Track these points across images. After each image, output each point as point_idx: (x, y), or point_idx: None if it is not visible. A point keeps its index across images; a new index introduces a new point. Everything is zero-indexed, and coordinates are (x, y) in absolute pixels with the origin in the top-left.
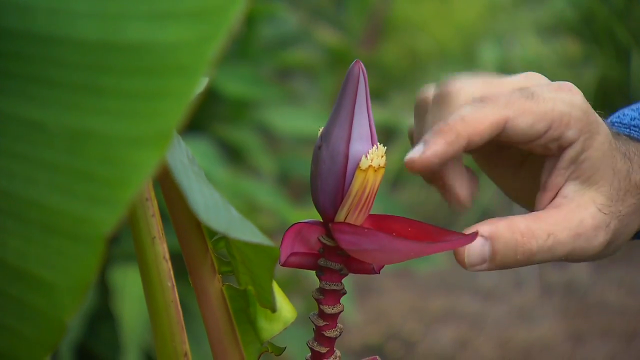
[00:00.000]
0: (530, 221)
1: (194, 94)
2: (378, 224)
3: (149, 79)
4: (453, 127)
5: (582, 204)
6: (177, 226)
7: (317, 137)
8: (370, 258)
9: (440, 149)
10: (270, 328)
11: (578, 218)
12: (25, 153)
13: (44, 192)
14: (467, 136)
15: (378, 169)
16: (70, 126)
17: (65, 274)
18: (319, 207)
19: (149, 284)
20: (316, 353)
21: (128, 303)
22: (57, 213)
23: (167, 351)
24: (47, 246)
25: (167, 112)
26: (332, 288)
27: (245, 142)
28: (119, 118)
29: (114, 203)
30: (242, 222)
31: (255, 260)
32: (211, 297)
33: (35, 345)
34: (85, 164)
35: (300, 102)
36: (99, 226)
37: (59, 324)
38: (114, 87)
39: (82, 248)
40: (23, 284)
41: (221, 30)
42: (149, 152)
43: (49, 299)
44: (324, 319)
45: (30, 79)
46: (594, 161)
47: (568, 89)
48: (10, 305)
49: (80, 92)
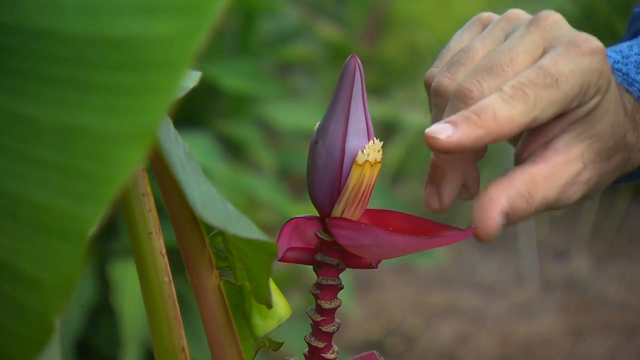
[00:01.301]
0: (531, 186)
1: (178, 89)
2: (375, 219)
3: (135, 74)
4: (485, 122)
5: (570, 159)
6: (174, 221)
7: (314, 132)
8: (368, 253)
9: (467, 141)
10: (265, 325)
11: (564, 176)
12: (13, 148)
13: (32, 188)
14: (495, 135)
15: (374, 164)
16: (57, 121)
17: (52, 271)
18: (316, 202)
19: (145, 280)
20: (314, 348)
21: (128, 298)
22: (45, 209)
23: (164, 346)
24: (35, 243)
25: (152, 107)
26: (330, 283)
27: (245, 137)
28: (105, 113)
29: (98, 200)
30: (239, 217)
31: (252, 256)
32: (209, 292)
33: (25, 344)
34: (72, 160)
35: (301, 97)
36: (84, 223)
37: (46, 321)
38: (101, 82)
39: (68, 245)
40: (13, 280)
41: (204, 24)
42: (132, 148)
43: (37, 296)
44: (321, 313)
45: (17, 73)
46: (597, 117)
47: (587, 51)
48: (1, 303)
49: (67, 87)
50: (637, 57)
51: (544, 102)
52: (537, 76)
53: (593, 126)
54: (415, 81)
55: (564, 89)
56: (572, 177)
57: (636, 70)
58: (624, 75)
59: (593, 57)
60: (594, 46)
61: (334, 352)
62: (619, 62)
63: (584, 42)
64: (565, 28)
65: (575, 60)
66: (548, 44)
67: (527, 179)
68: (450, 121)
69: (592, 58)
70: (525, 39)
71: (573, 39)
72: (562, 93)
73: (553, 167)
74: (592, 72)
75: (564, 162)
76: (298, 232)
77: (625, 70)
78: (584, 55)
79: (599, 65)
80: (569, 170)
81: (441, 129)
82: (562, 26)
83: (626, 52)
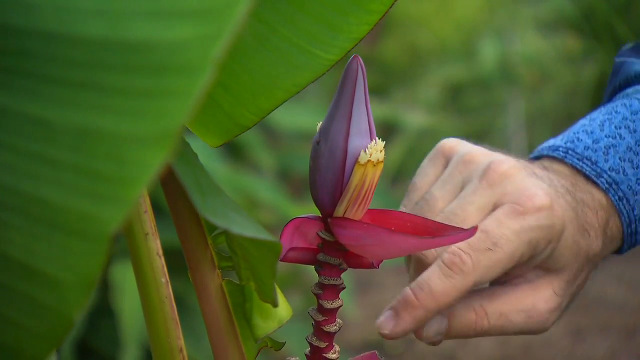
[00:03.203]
0: (486, 300)
1: (200, 94)
2: (377, 218)
3: (154, 78)
4: (423, 302)
5: (538, 287)
6: (177, 221)
7: (316, 132)
8: (369, 253)
9: (409, 326)
10: (265, 326)
11: (531, 302)
12: (30, 150)
13: (48, 189)
14: (436, 309)
15: (377, 164)
16: (75, 124)
17: (71, 270)
18: (318, 202)
19: (142, 280)
20: (315, 348)
21: (128, 299)
22: (62, 210)
23: (162, 347)
24: (53, 243)
25: (173, 111)
26: (331, 283)
27: (245, 138)
28: (125, 116)
29: (120, 201)
30: (244, 218)
31: (257, 255)
32: (211, 292)
33: (41, 340)
34: (90, 162)
35: (300, 98)
36: (104, 224)
37: (66, 319)
38: (119, 86)
39: (87, 245)
40: (29, 279)
41: (226, 29)
42: (154, 151)
43: (55, 294)
44: (323, 313)
45: (35, 77)
46: (557, 257)
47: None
48: (16, 300)
49: (85, 90)
50: (607, 141)
51: (483, 266)
52: (478, 240)
53: (557, 262)
54: (415, 82)
55: (507, 251)
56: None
57: (605, 157)
58: (592, 165)
59: (539, 214)
60: (540, 204)
61: (335, 352)
62: (589, 148)
63: (530, 200)
64: (515, 181)
65: (520, 220)
66: (498, 200)
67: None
68: (393, 308)
69: (538, 216)
70: (477, 196)
71: (519, 198)
72: (504, 255)
73: (520, 293)
74: (539, 229)
75: (531, 289)
76: (300, 232)
77: (594, 159)
78: (530, 214)
79: (546, 221)
80: (536, 296)
81: (385, 322)
82: (513, 179)
83: (597, 134)
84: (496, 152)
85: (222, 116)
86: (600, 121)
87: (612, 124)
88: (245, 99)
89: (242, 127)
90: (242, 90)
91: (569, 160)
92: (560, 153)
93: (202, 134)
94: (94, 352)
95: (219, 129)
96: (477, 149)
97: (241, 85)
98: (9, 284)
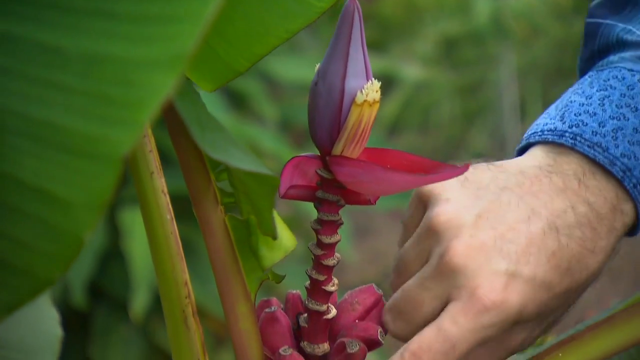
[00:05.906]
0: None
1: (210, 17)
2: (374, 157)
3: (164, 2)
4: None
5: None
6: (181, 158)
7: (314, 74)
8: (366, 189)
9: None
10: (272, 256)
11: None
12: (40, 76)
13: (58, 113)
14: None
15: (373, 104)
16: (85, 50)
17: (82, 191)
18: (317, 140)
19: (148, 218)
20: (315, 281)
21: (137, 243)
22: (72, 133)
23: (168, 281)
24: (64, 165)
25: (183, 35)
26: (330, 219)
27: (248, 90)
28: (135, 42)
29: (130, 124)
30: (243, 152)
31: (257, 189)
32: (214, 226)
33: (52, 261)
34: (100, 86)
35: (302, 51)
36: (115, 146)
37: (76, 239)
38: (129, 11)
39: (98, 166)
40: (41, 201)
41: None
42: (164, 74)
43: (66, 215)
44: (322, 248)
45: (45, 4)
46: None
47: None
48: (28, 223)
49: (95, 17)
50: (613, 123)
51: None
52: (436, 340)
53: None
54: (412, 36)
55: (464, 350)
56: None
57: (615, 142)
58: (604, 152)
59: (493, 312)
60: (493, 300)
61: (334, 284)
62: (597, 133)
63: (484, 296)
64: (467, 274)
65: (474, 318)
66: (450, 294)
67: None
68: None
69: (492, 312)
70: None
71: (473, 293)
72: (461, 354)
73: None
74: (492, 327)
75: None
76: (299, 170)
77: (604, 145)
78: (485, 311)
79: (498, 318)
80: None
81: None
82: (465, 271)
83: (601, 116)
84: (463, 196)
85: (217, 61)
86: (599, 99)
87: (613, 103)
88: (240, 45)
89: (236, 72)
90: (237, 36)
91: (579, 147)
92: (568, 140)
93: (197, 78)
94: (106, 294)
95: (214, 74)
96: (444, 209)
97: (236, 31)
98: (21, 207)
